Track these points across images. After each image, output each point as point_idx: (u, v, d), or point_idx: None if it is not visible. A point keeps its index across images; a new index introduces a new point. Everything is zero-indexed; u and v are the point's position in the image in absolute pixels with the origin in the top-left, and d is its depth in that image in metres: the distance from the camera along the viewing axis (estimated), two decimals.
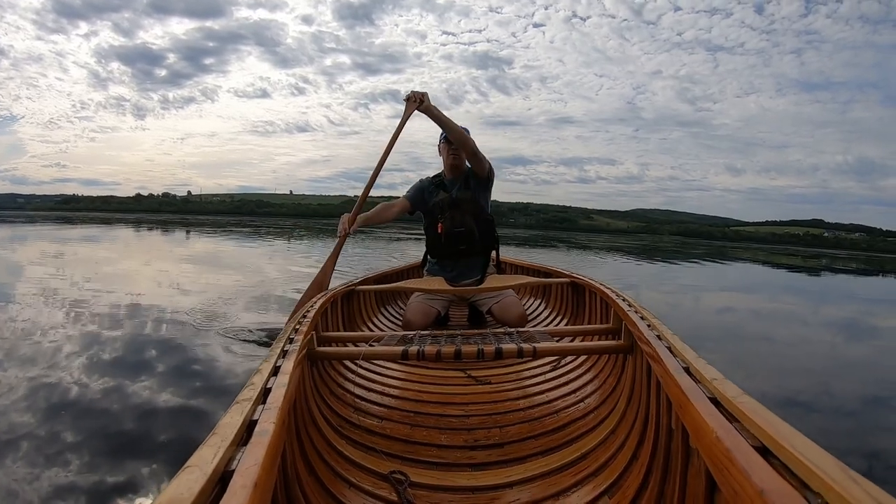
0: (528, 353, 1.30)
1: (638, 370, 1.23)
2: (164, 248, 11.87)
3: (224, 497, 0.48)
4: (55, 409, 1.86)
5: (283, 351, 1.05)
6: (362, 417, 1.36)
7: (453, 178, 2.44)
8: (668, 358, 0.94)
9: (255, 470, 0.53)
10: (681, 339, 1.05)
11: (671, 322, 1.22)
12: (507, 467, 1.14)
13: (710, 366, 0.86)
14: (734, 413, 0.67)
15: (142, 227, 22.11)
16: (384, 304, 2.86)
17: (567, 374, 1.68)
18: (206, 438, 0.58)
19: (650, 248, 26.01)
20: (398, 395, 1.54)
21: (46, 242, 11.35)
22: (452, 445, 1.23)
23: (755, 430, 0.60)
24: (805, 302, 7.66)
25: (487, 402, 1.49)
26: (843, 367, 3.57)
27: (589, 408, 1.40)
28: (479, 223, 2.36)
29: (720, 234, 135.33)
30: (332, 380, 1.54)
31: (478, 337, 1.43)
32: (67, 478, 1.40)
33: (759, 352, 3.75)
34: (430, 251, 2.50)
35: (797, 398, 2.61)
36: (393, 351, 1.32)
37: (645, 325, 1.21)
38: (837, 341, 4.67)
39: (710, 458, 0.64)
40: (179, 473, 0.49)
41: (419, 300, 2.32)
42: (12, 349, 2.60)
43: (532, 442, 1.25)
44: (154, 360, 2.54)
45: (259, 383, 0.81)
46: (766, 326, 5.07)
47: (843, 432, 2.18)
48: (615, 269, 11.46)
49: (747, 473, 0.53)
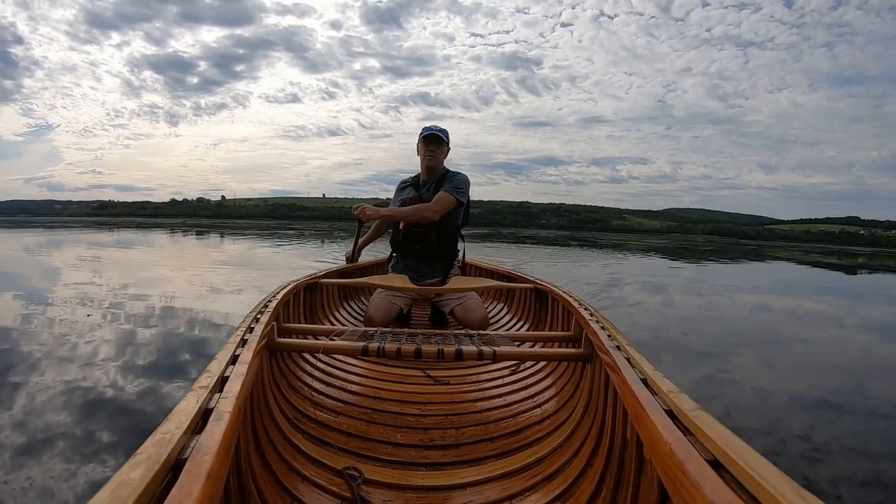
0: (488, 356, 1.29)
1: (596, 379, 1.23)
2: (229, 252, 12.05)
3: (176, 485, 0.48)
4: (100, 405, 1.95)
5: (243, 340, 1.05)
6: (319, 412, 1.36)
7: (427, 178, 2.49)
8: (626, 368, 0.95)
9: (209, 459, 0.53)
10: (639, 350, 1.06)
11: (702, 324, 1.25)
12: (462, 468, 1.13)
13: (666, 378, 0.86)
14: (689, 426, 0.67)
15: (188, 232, 22.73)
16: (347, 298, 2.85)
17: (526, 379, 1.67)
18: (159, 425, 0.57)
19: (683, 249, 25.41)
20: (356, 390, 1.53)
21: (105, 248, 11.74)
22: (408, 444, 1.23)
23: (709, 443, 0.61)
24: (840, 302, 7.40)
25: (445, 403, 1.49)
26: (879, 368, 3.48)
27: (546, 413, 1.40)
28: (439, 228, 2.37)
29: (754, 233, 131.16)
30: (291, 372, 1.54)
31: (439, 337, 1.44)
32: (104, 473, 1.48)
33: (792, 352, 3.69)
34: (391, 246, 2.56)
35: (831, 398, 2.59)
36: (353, 346, 1.32)
37: (605, 335, 1.21)
38: (873, 341, 4.54)
39: (664, 469, 0.64)
40: (130, 460, 0.49)
41: (382, 296, 2.32)
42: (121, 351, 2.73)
43: (488, 444, 1.24)
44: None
45: (216, 371, 0.81)
46: (801, 328, 4.95)
47: (878, 435, 2.14)
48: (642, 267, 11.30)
49: (699, 486, 0.54)
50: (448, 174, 2.45)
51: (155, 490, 0.47)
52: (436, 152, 2.42)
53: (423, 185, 2.50)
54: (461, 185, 2.38)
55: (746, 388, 2.72)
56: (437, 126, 2.46)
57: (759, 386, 2.76)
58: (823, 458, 1.84)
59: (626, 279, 8.54)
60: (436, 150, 2.42)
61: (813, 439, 2.02)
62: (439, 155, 2.44)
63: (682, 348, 3.64)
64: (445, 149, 2.47)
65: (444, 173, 2.46)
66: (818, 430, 2.14)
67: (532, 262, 11.26)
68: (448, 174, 2.45)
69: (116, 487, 0.44)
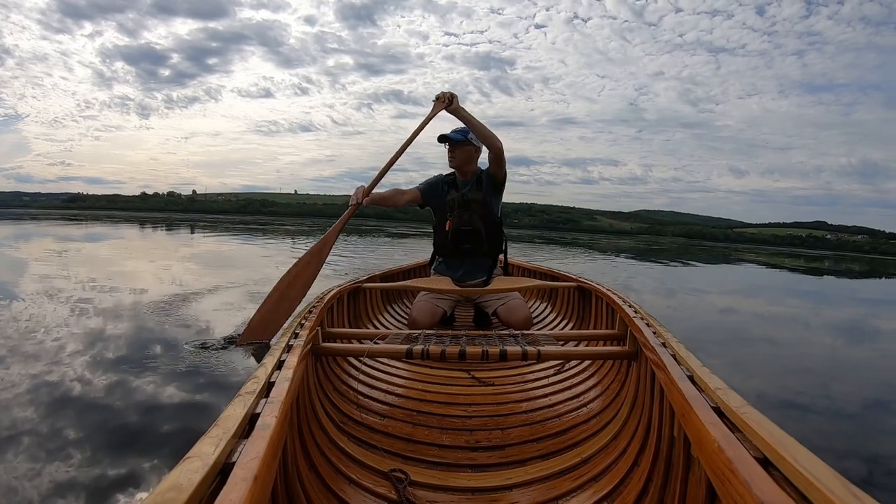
0: (532, 357, 1.30)
1: (642, 377, 1.22)
2: (212, 247, 11.49)
3: (224, 489, 0.48)
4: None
5: (288, 345, 1.05)
6: (364, 415, 1.36)
7: (465, 179, 2.46)
8: (672, 366, 0.94)
9: (256, 463, 0.53)
10: (686, 346, 1.04)
11: (673, 324, 1.22)
12: (507, 469, 1.13)
13: (714, 375, 0.85)
14: (737, 423, 0.66)
15: (159, 227, 21.86)
16: (390, 302, 2.86)
17: (570, 379, 1.68)
18: (207, 430, 0.57)
19: (652, 250, 25.92)
20: (401, 393, 1.54)
21: (77, 242, 11.09)
22: (454, 446, 1.23)
23: (757, 441, 0.60)
24: (806, 304, 7.62)
25: (490, 404, 1.49)
26: (844, 369, 3.56)
27: (591, 413, 1.40)
28: (487, 224, 2.37)
29: (723, 236, 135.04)
30: (336, 376, 1.54)
31: (482, 338, 1.43)
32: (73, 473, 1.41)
33: (760, 354, 3.74)
34: (437, 249, 2.52)
35: (797, 400, 2.61)
36: (397, 349, 1.32)
37: (650, 332, 1.21)
38: (838, 344, 4.66)
39: (712, 467, 0.64)
40: (180, 464, 0.49)
41: (425, 299, 2.33)
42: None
43: (533, 445, 1.24)
44: None
45: (263, 377, 0.81)
46: (767, 329, 5.06)
47: (842, 434, 2.18)
48: (611, 267, 11.45)
49: (748, 485, 0.53)
50: (484, 171, 2.43)
51: (204, 493, 0.47)
52: (455, 152, 2.38)
53: (462, 185, 2.45)
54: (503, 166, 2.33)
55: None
56: (458, 127, 2.34)
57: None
58: None
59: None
60: (454, 149, 2.37)
61: None
62: (459, 154, 2.38)
63: None
64: (469, 148, 2.38)
65: (481, 172, 2.44)
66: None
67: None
68: (484, 171, 2.43)
69: (166, 490, 0.44)
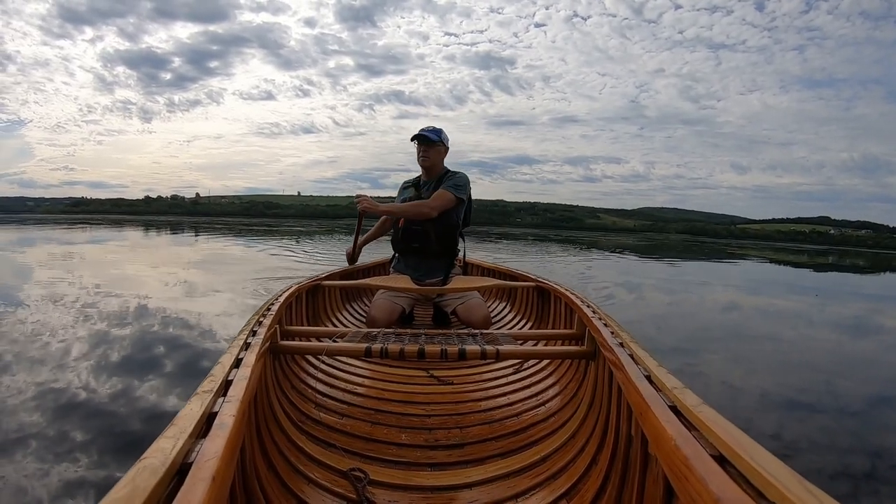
0: (491, 356, 1.29)
1: (600, 376, 1.23)
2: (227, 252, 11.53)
3: (182, 489, 0.48)
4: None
5: (246, 343, 1.04)
6: (324, 414, 1.36)
7: (428, 179, 2.50)
8: (629, 365, 0.95)
9: (214, 463, 0.53)
10: (642, 346, 1.05)
11: (673, 323, 1.22)
12: (467, 468, 1.14)
13: (670, 374, 0.86)
14: (693, 422, 0.67)
15: (176, 231, 22.12)
16: (349, 300, 2.85)
17: (529, 378, 1.68)
18: (164, 430, 0.57)
19: (655, 247, 25.87)
20: (360, 392, 1.54)
21: (81, 245, 11.25)
22: (413, 444, 1.23)
23: (714, 439, 0.61)
24: (810, 300, 7.59)
25: (449, 403, 1.49)
26: (848, 364, 3.56)
27: (550, 411, 1.41)
28: (438, 226, 2.38)
29: (726, 233, 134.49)
30: (295, 374, 1.54)
31: (441, 337, 1.44)
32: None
33: (763, 350, 3.75)
34: (392, 245, 2.56)
35: (800, 397, 2.61)
36: (356, 348, 1.32)
37: (608, 332, 1.21)
38: (843, 339, 4.64)
39: (669, 465, 0.64)
40: (136, 464, 0.49)
41: (384, 297, 2.32)
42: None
43: (492, 443, 1.25)
44: None
45: (220, 375, 0.80)
46: (771, 325, 5.05)
47: (846, 430, 2.18)
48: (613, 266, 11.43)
49: (705, 482, 0.54)
50: (448, 174, 2.45)
51: (160, 495, 0.47)
52: (428, 152, 2.41)
53: (423, 185, 2.51)
54: (460, 183, 2.38)
55: (716, 383, 2.75)
56: (430, 126, 2.44)
57: (728, 382, 2.81)
58: (792, 454, 1.87)
59: (596, 276, 8.58)
60: (427, 149, 2.41)
61: (782, 437, 2.05)
62: (432, 155, 2.42)
63: (652, 345, 3.64)
64: (440, 148, 2.45)
65: (444, 173, 2.47)
66: (787, 427, 2.18)
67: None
68: (448, 174, 2.45)
69: (121, 492, 0.43)
